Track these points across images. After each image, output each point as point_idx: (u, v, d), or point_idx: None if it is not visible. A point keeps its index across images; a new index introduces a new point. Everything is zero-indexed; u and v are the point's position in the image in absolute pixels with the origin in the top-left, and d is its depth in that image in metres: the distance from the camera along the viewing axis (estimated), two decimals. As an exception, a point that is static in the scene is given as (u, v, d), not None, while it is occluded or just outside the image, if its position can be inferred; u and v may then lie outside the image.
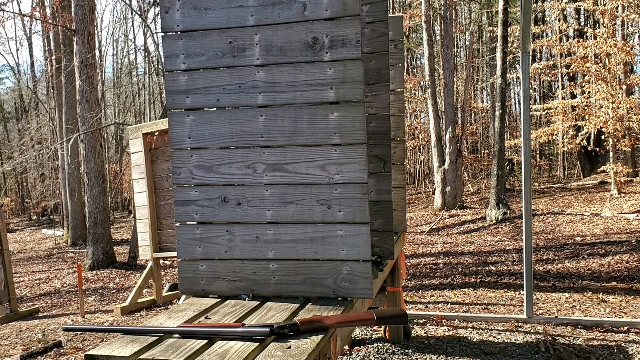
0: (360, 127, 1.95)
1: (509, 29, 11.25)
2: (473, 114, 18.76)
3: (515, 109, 20.20)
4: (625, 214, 9.48)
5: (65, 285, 7.54)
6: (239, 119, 2.11)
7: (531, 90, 14.53)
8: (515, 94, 19.60)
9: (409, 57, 18.94)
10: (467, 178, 16.71)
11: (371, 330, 3.97)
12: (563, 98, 13.87)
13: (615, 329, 3.90)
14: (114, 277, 7.93)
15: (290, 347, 1.45)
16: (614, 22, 11.87)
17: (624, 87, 11.87)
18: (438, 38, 14.64)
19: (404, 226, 3.84)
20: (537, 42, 13.67)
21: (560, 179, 15.98)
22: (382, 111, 2.89)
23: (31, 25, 21.10)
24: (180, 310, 1.99)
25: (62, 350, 4.23)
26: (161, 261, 6.15)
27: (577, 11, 15.15)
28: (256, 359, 1.41)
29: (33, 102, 21.95)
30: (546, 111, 13.66)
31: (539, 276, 6.05)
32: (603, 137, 12.50)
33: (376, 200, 2.76)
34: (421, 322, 4.25)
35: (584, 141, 12.69)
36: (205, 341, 1.61)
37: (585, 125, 12.00)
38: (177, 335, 1.68)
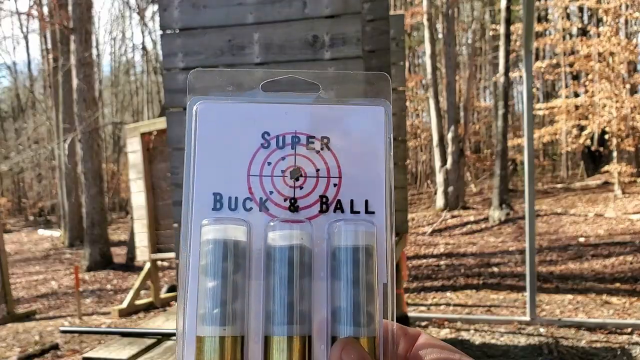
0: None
1: (512, 27, 11.18)
2: (475, 113, 18.71)
3: (518, 107, 20.14)
4: (629, 214, 9.42)
5: (61, 287, 7.50)
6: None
7: (534, 89, 14.47)
8: (518, 92, 19.54)
9: (410, 55, 18.88)
10: (470, 178, 16.65)
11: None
12: (566, 97, 13.81)
13: (618, 331, 3.87)
14: (111, 279, 7.89)
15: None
16: (617, 20, 11.81)
17: (628, 86, 11.81)
18: (440, 36, 14.59)
19: (406, 227, 3.80)
20: (539, 40, 13.60)
21: (563, 178, 15.92)
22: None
23: (28, 23, 21.07)
24: (176, 315, 1.94)
25: (59, 352, 4.19)
26: (159, 262, 6.11)
27: (580, 9, 15.08)
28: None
29: (30, 101, 21.88)
30: (549, 110, 13.59)
31: (542, 277, 6.00)
32: (606, 137, 12.44)
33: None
34: (423, 324, 4.21)
35: (588, 141, 12.63)
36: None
37: (588, 125, 11.93)
38: (175, 338, 1.63)
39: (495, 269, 6.72)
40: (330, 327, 0.36)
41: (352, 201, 0.39)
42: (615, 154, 11.62)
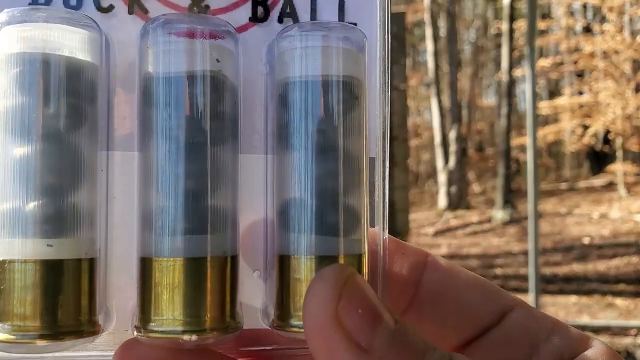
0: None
1: (515, 24, 11.11)
2: (478, 112, 18.64)
3: (522, 106, 20.04)
4: (633, 214, 9.35)
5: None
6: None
7: (537, 88, 14.38)
8: (521, 90, 19.46)
9: (412, 53, 18.82)
10: (473, 177, 16.58)
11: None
12: (570, 95, 13.73)
13: (623, 333, 3.84)
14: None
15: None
16: (621, 17, 11.73)
17: (632, 84, 11.73)
18: (442, 33, 14.52)
19: (407, 228, 3.75)
20: (543, 37, 13.53)
21: (567, 178, 15.83)
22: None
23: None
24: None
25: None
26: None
27: (584, 6, 15.00)
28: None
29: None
30: (553, 109, 13.52)
31: (546, 279, 5.95)
32: (609, 136, 12.38)
33: (376, 202, 2.65)
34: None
35: (592, 140, 12.55)
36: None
37: (592, 124, 11.85)
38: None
39: (499, 271, 6.67)
40: (272, 240, 0.20)
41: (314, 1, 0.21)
42: (619, 153, 11.55)
